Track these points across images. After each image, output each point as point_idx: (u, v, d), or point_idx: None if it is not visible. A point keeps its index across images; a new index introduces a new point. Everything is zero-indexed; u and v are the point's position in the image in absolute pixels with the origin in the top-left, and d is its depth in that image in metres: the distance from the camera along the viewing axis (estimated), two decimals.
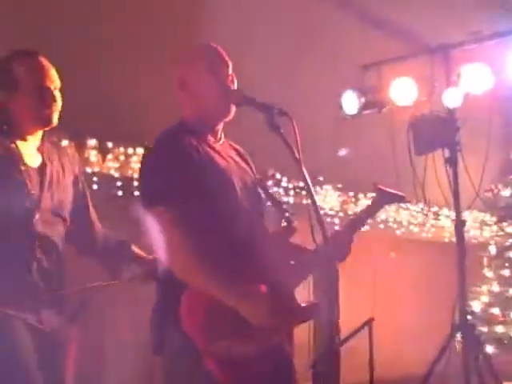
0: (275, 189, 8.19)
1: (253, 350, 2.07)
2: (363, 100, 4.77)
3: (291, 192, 8.27)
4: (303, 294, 2.29)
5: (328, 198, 8.85)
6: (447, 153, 4.44)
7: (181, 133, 2.22)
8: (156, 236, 2.08)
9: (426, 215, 8.29)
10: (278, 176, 8.23)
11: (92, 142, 5.95)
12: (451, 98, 4.31)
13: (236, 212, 2.21)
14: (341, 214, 9.14)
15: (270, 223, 2.41)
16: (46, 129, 2.50)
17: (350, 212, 9.36)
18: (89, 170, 5.68)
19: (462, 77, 4.26)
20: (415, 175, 4.48)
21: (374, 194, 2.58)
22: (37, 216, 2.36)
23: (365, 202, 9.46)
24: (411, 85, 4.59)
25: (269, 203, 2.40)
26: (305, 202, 8.24)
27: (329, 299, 1.95)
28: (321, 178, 8.26)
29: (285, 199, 8.23)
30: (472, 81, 4.32)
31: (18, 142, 2.44)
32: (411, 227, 10.42)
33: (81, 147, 6.35)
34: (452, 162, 4.44)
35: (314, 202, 1.98)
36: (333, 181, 8.45)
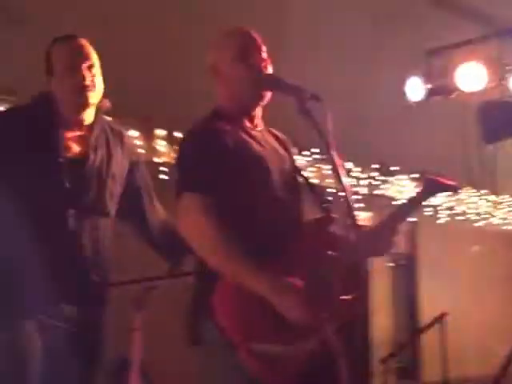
0: (346, 179, 8.09)
1: (289, 350, 2.01)
2: (429, 86, 4.59)
3: (363, 182, 8.15)
4: None
5: (405, 189, 8.66)
6: None
7: (216, 119, 2.18)
8: (187, 223, 2.06)
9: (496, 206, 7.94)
10: (350, 166, 8.12)
11: (161, 132, 6.05)
12: None
13: (271, 200, 2.14)
14: None
15: (310, 212, 2.35)
16: (84, 112, 2.43)
17: (425, 203, 9.14)
18: (157, 159, 5.77)
19: None
20: (484, 164, 4.29)
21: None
22: (71, 212, 2.34)
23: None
24: (480, 69, 4.39)
25: (308, 191, 2.33)
26: (376, 192, 8.12)
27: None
28: (394, 168, 8.09)
29: (357, 189, 8.12)
30: None
31: (62, 131, 2.40)
32: (492, 219, 10.06)
33: (149, 137, 6.49)
34: None
35: (344, 191, 1.90)
36: (407, 171, 8.24)
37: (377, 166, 8.22)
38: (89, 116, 2.46)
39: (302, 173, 2.39)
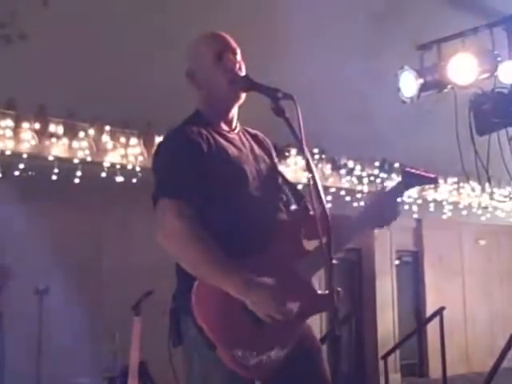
0: (348, 177, 8.08)
1: (266, 348, 2.02)
2: (422, 81, 4.57)
3: (365, 180, 8.13)
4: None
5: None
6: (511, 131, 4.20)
7: (192, 123, 2.22)
8: (163, 227, 2.07)
9: (490, 196, 7.89)
10: (351, 164, 8.11)
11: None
12: (508, 73, 4.07)
13: (247, 200, 2.17)
14: (419, 201, 8.91)
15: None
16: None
17: (429, 199, 9.11)
18: None
19: None
20: (477, 156, 4.26)
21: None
22: None
23: (445, 187, 9.17)
24: (471, 61, 4.35)
25: (287, 189, 2.34)
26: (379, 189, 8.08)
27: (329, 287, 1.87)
28: (396, 165, 8.06)
29: (358, 188, 8.10)
30: None
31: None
32: (497, 212, 10.00)
33: (149, 145, 6.53)
34: None
35: (316, 185, 1.90)
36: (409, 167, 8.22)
37: (378, 164, 8.21)
38: None
39: (281, 171, 2.41)
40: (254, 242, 2.11)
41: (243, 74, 2.25)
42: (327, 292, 1.99)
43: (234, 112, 2.32)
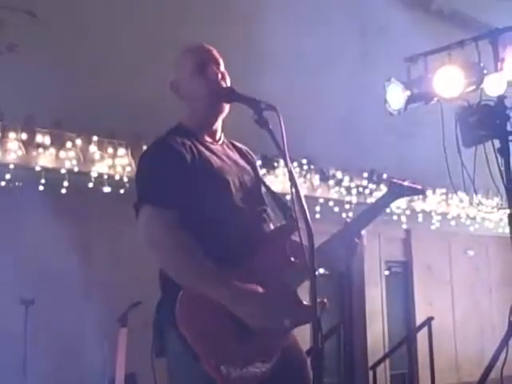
0: (336, 188, 8.08)
1: (250, 362, 2.01)
2: (409, 93, 4.59)
3: (353, 191, 8.13)
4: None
5: None
6: (498, 143, 4.22)
7: (175, 134, 2.21)
8: (147, 236, 2.07)
9: (477, 207, 7.92)
10: (340, 175, 8.11)
11: None
12: (494, 85, 4.09)
13: (230, 212, 2.16)
14: (408, 212, 8.93)
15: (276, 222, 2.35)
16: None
17: (418, 209, 9.13)
18: None
19: (506, 62, 4.02)
20: (464, 168, 4.28)
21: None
22: None
23: (433, 198, 9.20)
24: (457, 74, 4.38)
25: (272, 202, 2.34)
26: (368, 201, 8.09)
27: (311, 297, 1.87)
28: (385, 176, 8.07)
29: (347, 199, 8.11)
30: None
31: None
32: (486, 223, 10.03)
33: (137, 155, 6.50)
34: (504, 152, 4.21)
35: (298, 196, 1.90)
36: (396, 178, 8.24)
37: (366, 175, 8.22)
38: None
39: (266, 184, 2.41)
40: (237, 252, 2.10)
41: (226, 85, 2.25)
42: (310, 303, 1.98)
43: (218, 124, 2.32)
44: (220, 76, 2.25)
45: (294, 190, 1.90)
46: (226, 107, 2.26)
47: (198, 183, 2.12)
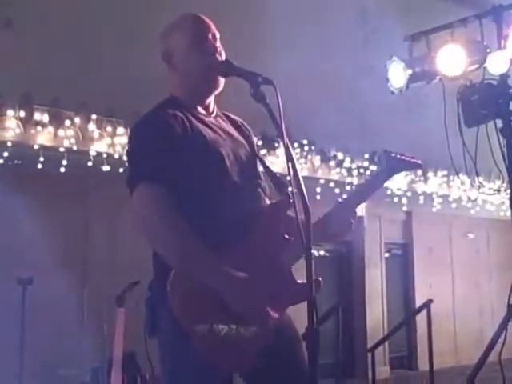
0: (337, 169, 8.03)
1: (236, 330, 1.98)
2: (410, 72, 4.52)
3: (354, 172, 8.09)
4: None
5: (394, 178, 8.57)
6: (500, 123, 4.16)
7: (167, 107, 2.15)
8: (139, 215, 2.03)
9: (478, 189, 7.88)
10: (341, 156, 8.06)
11: None
12: (497, 64, 4.02)
13: (225, 184, 2.11)
14: (409, 194, 8.88)
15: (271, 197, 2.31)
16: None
17: (419, 191, 9.08)
18: None
19: (509, 39, 3.95)
20: (465, 148, 4.22)
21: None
22: None
23: (434, 180, 9.15)
24: (460, 52, 4.31)
25: (267, 176, 2.29)
26: None
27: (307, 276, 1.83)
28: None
29: (348, 180, 8.06)
30: None
31: None
32: (487, 206, 9.98)
33: None
34: (506, 133, 4.15)
35: (295, 172, 1.85)
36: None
37: (367, 156, 8.17)
38: None
39: (261, 158, 2.36)
40: (230, 227, 2.06)
41: (223, 59, 2.20)
42: (305, 282, 1.94)
43: (211, 98, 2.26)
44: (218, 50, 2.19)
45: (290, 165, 1.85)
46: (222, 82, 2.20)
47: (190, 156, 2.06)
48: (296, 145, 7.53)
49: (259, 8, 7.15)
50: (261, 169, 2.30)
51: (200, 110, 2.22)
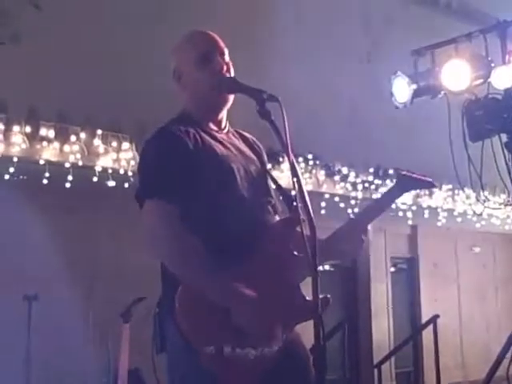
0: (342, 184, 8.03)
1: (245, 352, 1.98)
2: (415, 86, 4.53)
3: (359, 187, 8.08)
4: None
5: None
6: (505, 138, 4.16)
7: (179, 122, 2.17)
8: (148, 230, 2.03)
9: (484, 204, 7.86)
10: (345, 171, 8.06)
11: None
12: (502, 78, 4.03)
13: (235, 200, 2.12)
14: (414, 208, 8.86)
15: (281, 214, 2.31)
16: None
17: (424, 205, 9.07)
18: None
19: None
20: (471, 162, 4.22)
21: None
22: None
23: (439, 194, 9.13)
24: (465, 67, 4.32)
25: (277, 192, 2.29)
26: (374, 196, 8.04)
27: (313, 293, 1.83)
28: (391, 171, 8.02)
29: (353, 194, 8.06)
30: None
31: None
32: (492, 220, 9.95)
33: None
34: (511, 147, 4.16)
35: (300, 188, 1.86)
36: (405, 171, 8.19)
37: (372, 170, 8.17)
38: None
39: (272, 175, 2.36)
40: (239, 244, 2.06)
41: (230, 75, 2.21)
42: (311, 300, 1.94)
43: (223, 114, 2.27)
44: (225, 68, 2.21)
45: (295, 180, 1.86)
46: (230, 98, 2.22)
47: (201, 171, 2.07)
48: (301, 159, 7.53)
49: (265, 23, 7.19)
50: (272, 186, 2.31)
51: (212, 126, 2.24)
